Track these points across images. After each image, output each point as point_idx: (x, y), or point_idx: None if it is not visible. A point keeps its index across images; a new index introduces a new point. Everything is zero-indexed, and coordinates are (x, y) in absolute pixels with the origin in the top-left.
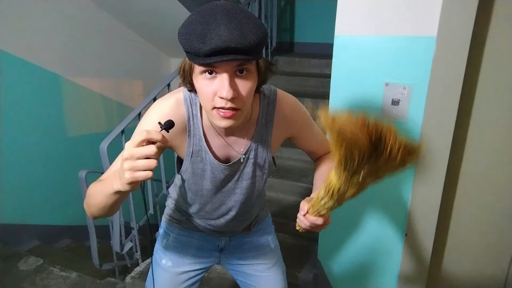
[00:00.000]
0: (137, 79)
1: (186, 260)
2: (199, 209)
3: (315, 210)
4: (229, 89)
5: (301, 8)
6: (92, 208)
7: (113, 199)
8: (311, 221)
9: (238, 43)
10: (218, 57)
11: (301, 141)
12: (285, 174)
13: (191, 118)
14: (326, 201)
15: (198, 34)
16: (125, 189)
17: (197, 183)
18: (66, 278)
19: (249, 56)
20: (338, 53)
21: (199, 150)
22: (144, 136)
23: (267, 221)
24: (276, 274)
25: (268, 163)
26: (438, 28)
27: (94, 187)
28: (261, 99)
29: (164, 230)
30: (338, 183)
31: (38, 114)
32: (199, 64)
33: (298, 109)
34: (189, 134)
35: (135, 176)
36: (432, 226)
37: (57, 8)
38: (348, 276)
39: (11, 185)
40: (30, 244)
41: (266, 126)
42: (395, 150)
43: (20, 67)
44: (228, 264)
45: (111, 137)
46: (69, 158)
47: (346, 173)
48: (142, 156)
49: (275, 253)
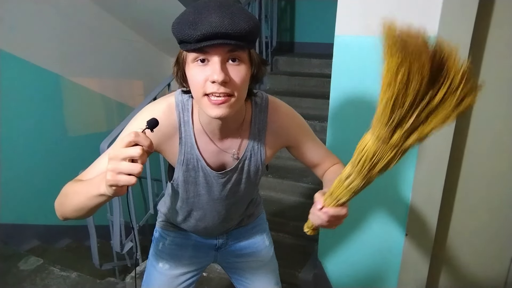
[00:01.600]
0: (137, 79)
1: (183, 261)
2: (190, 218)
3: (334, 198)
4: (220, 71)
5: (301, 8)
6: (66, 208)
7: (95, 202)
8: (331, 214)
9: (229, 29)
10: (209, 41)
11: (301, 152)
12: (285, 174)
13: (182, 125)
14: (353, 179)
15: (190, 22)
16: (110, 193)
17: (189, 190)
18: (66, 278)
19: (240, 42)
20: (338, 53)
21: (190, 158)
22: (132, 138)
23: (262, 217)
24: (270, 270)
25: (261, 170)
26: (438, 28)
27: (72, 186)
28: (253, 106)
29: (160, 234)
30: (375, 144)
31: (38, 114)
32: (191, 50)
33: (292, 116)
34: (180, 141)
35: (117, 179)
36: (432, 226)
37: (57, 8)
38: (348, 276)
39: (11, 185)
40: (30, 244)
41: (259, 134)
42: (455, 84)
43: (20, 67)
44: (224, 262)
45: (111, 137)
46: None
47: (389, 126)
48: (126, 156)
49: (270, 250)
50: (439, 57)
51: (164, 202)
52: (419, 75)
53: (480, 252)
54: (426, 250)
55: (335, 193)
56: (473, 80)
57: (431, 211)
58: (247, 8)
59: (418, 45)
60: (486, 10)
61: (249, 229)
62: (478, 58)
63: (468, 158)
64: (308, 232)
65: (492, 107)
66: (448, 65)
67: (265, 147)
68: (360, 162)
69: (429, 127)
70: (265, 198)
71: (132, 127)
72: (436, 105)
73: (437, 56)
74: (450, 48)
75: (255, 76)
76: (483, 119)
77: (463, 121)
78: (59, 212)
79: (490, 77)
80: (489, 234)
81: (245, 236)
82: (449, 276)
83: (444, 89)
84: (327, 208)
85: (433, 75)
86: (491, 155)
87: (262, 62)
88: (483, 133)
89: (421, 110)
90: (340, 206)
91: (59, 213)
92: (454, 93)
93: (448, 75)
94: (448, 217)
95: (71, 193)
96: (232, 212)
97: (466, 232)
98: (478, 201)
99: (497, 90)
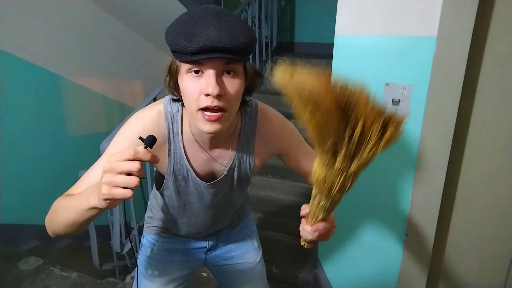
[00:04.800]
0: (137, 79)
1: (172, 266)
2: (182, 223)
3: (313, 216)
4: (215, 85)
5: (301, 8)
6: (57, 225)
7: (86, 216)
8: (312, 231)
9: (226, 43)
10: (205, 55)
11: (291, 160)
12: (285, 174)
13: (171, 137)
14: (319, 199)
15: (186, 32)
16: (102, 206)
17: (181, 199)
18: (66, 278)
19: (236, 56)
20: (338, 53)
21: (180, 169)
22: (132, 156)
23: (250, 218)
24: (258, 273)
25: (250, 177)
26: (438, 28)
27: (62, 202)
28: (242, 115)
29: (148, 240)
30: (323, 170)
31: (38, 114)
32: (186, 61)
33: (282, 124)
34: (170, 153)
35: (113, 193)
36: (432, 226)
37: (57, 8)
38: (348, 276)
39: (11, 185)
40: (30, 244)
41: (248, 142)
42: (370, 121)
43: (20, 67)
44: (213, 265)
45: (111, 137)
46: (69, 158)
47: (326, 155)
48: (124, 171)
49: (258, 252)
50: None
51: (151, 209)
52: (328, 114)
53: (480, 252)
54: (426, 250)
55: (312, 212)
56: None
57: (431, 211)
58: (247, 7)
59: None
60: (486, 10)
61: (238, 230)
62: (478, 58)
63: (468, 158)
64: (305, 246)
65: (492, 107)
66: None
67: (253, 155)
68: (319, 186)
69: (365, 153)
70: (265, 198)
71: (123, 136)
72: (361, 133)
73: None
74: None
75: (249, 88)
76: (483, 120)
77: (463, 121)
78: (50, 230)
79: (490, 78)
80: (489, 233)
81: (235, 238)
82: (449, 276)
83: (359, 127)
84: (306, 226)
85: (345, 113)
86: (491, 155)
87: (256, 74)
88: (483, 134)
89: (349, 136)
90: (323, 222)
91: (50, 230)
92: (372, 132)
93: (358, 115)
94: (448, 217)
95: (61, 208)
96: (223, 216)
97: (466, 232)
98: (478, 201)
99: (497, 91)
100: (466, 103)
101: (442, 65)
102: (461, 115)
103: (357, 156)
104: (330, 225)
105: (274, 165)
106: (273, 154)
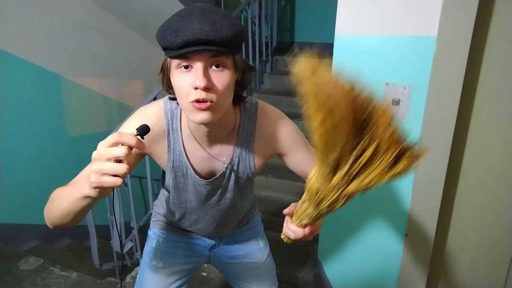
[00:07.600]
0: (137, 79)
1: (176, 260)
2: (185, 220)
3: (298, 218)
4: (202, 77)
5: (301, 8)
6: (54, 214)
7: (80, 205)
8: (292, 231)
9: (210, 36)
10: (190, 48)
11: (292, 160)
12: (285, 174)
13: (171, 133)
14: (307, 206)
15: (172, 29)
16: (93, 195)
17: (180, 196)
18: (66, 278)
19: (222, 48)
20: (338, 53)
21: (179, 166)
22: (115, 139)
23: (256, 220)
24: (266, 271)
25: (251, 177)
26: (438, 28)
27: (59, 191)
28: (241, 112)
29: (154, 232)
30: (318, 181)
31: (38, 114)
32: (173, 56)
33: (283, 123)
34: (169, 149)
35: (101, 180)
36: (432, 226)
37: (58, 8)
38: (348, 276)
39: (11, 185)
40: (30, 244)
41: (247, 140)
42: (385, 146)
43: (20, 67)
44: (218, 263)
45: None
46: (69, 158)
47: (326, 168)
48: (111, 157)
49: (265, 251)
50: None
51: (160, 203)
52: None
53: (480, 252)
54: (426, 250)
55: (298, 214)
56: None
57: (431, 211)
58: (247, 7)
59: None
60: (486, 10)
61: (243, 231)
62: (478, 58)
63: (468, 158)
64: (285, 240)
65: (492, 107)
66: (375, 122)
67: (253, 154)
68: (309, 194)
69: (368, 178)
70: (265, 198)
71: (125, 129)
72: (371, 156)
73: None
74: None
75: (240, 82)
76: (484, 119)
77: (463, 121)
78: (48, 220)
79: (490, 78)
80: (489, 233)
81: (238, 239)
82: (449, 276)
83: (374, 144)
84: (290, 224)
85: (360, 127)
86: (491, 155)
87: (248, 68)
88: (483, 133)
89: (356, 156)
90: (303, 227)
91: (48, 221)
92: (387, 151)
93: (374, 134)
94: (448, 217)
95: (57, 197)
96: (228, 217)
97: (466, 232)
98: (478, 201)
99: (497, 91)
100: (466, 103)
101: (442, 65)
102: (461, 115)
103: (358, 179)
104: (314, 229)
105: (274, 165)
106: (274, 154)
